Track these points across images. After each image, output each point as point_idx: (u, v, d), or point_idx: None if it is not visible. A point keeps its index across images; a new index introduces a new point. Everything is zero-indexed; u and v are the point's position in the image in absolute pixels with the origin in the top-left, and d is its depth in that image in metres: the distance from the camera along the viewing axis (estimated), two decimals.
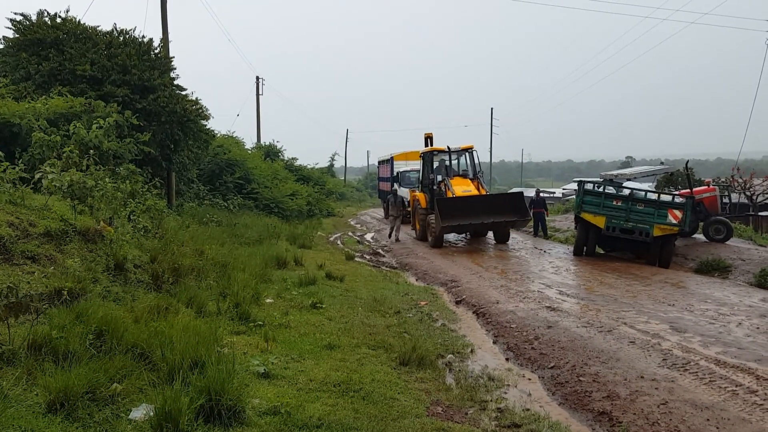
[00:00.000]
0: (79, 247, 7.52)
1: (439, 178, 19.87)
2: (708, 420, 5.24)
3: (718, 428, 5.07)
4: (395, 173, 28.94)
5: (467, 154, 20.66)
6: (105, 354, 5.08)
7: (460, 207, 17.56)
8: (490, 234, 20.11)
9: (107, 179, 9.23)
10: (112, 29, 16.47)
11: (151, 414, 4.23)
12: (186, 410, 4.20)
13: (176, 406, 4.15)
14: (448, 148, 20.07)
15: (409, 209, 21.25)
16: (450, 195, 18.40)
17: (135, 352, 5.31)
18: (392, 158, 32.04)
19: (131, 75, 14.99)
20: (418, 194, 20.73)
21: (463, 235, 20.73)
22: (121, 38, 16.26)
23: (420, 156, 21.69)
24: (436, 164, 20.62)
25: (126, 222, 9.48)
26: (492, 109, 65.24)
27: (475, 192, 18.47)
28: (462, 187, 18.60)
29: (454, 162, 21.06)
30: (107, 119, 10.94)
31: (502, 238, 19.09)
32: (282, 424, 4.58)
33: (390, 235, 20.60)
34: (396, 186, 27.62)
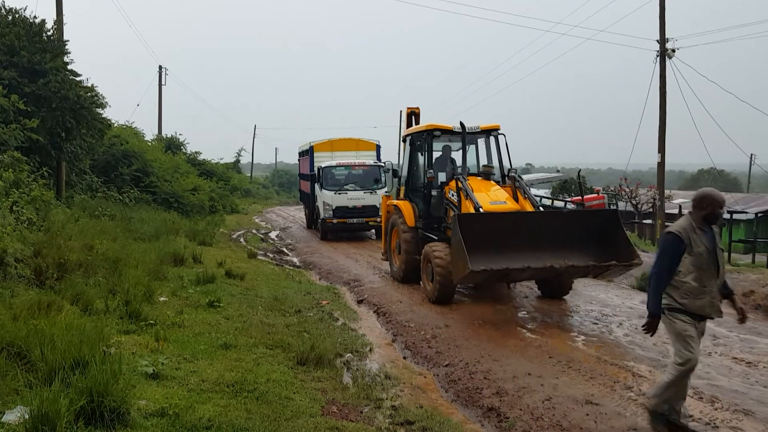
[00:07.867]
0: None
1: (442, 177, 11.84)
2: (587, 415, 5.55)
3: (596, 422, 5.38)
4: (315, 169, 21.25)
5: (490, 138, 11.96)
6: None
7: (501, 234, 9.22)
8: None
9: None
10: (0, 7, 15.40)
11: (27, 416, 3.99)
12: (65, 412, 3.99)
13: (54, 408, 3.93)
14: (462, 126, 11.27)
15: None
16: (469, 209, 9.75)
17: (11, 351, 5.01)
18: (312, 148, 23.03)
19: (20, 57, 14.07)
20: (400, 203, 12.36)
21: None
22: (10, 17, 15.21)
23: (404, 139, 13.01)
24: (437, 154, 12.36)
25: (8, 213, 8.90)
26: (401, 111, 66.24)
27: (515, 206, 10.08)
28: (489, 196, 10.16)
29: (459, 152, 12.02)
30: None
31: (559, 291, 10.59)
32: (169, 426, 4.44)
33: None
34: (317, 187, 20.83)
